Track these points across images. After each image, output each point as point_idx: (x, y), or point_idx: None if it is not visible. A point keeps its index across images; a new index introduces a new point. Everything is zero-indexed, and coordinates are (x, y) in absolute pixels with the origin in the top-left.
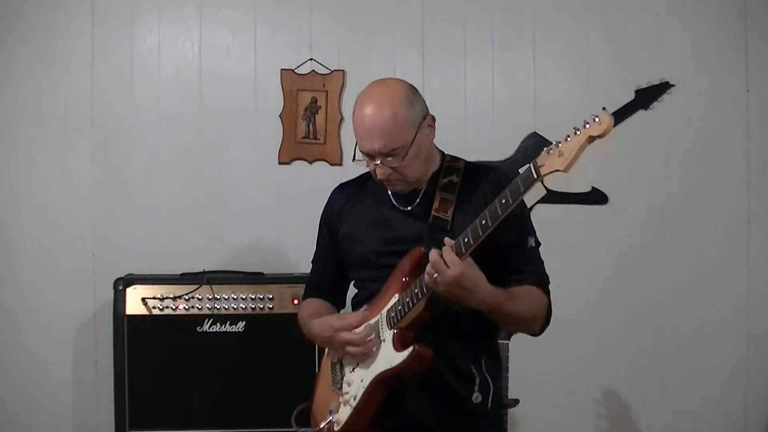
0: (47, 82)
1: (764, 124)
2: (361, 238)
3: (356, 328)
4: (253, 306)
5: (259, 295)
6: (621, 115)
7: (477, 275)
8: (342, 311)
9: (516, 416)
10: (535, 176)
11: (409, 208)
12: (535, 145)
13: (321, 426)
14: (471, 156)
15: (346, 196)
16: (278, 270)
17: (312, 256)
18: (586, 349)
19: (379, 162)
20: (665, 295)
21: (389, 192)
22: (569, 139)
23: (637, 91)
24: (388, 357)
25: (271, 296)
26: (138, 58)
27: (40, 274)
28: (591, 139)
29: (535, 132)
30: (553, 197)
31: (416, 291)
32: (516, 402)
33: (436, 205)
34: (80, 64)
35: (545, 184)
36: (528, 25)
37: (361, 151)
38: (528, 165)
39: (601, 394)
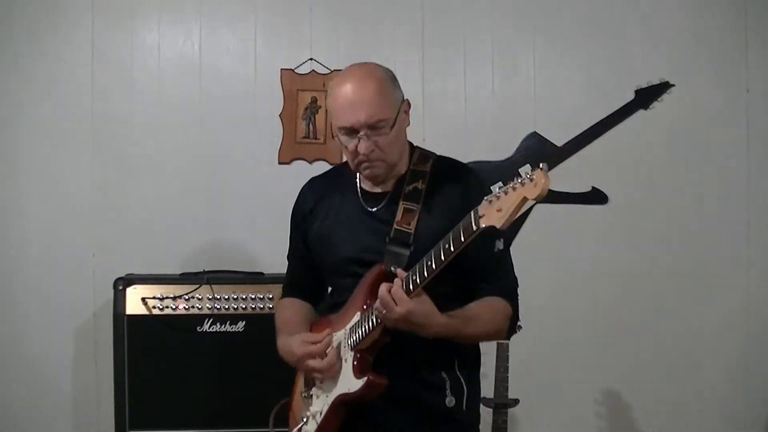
0: (47, 82)
1: (764, 124)
2: (330, 242)
3: (321, 353)
4: (253, 306)
5: (259, 295)
6: (621, 115)
7: (427, 311)
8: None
9: (516, 416)
10: (474, 228)
11: (374, 209)
12: (535, 145)
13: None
14: (471, 156)
15: (315, 193)
16: (278, 270)
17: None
18: (586, 348)
19: (362, 135)
20: (665, 295)
21: (359, 190)
22: (507, 193)
23: (637, 91)
24: (347, 381)
25: (271, 296)
26: (138, 58)
27: (40, 274)
28: (525, 200)
29: (535, 132)
30: (553, 197)
31: (372, 318)
32: (516, 402)
33: (398, 216)
34: (80, 64)
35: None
36: (528, 25)
37: (342, 128)
38: (470, 212)
39: (601, 394)
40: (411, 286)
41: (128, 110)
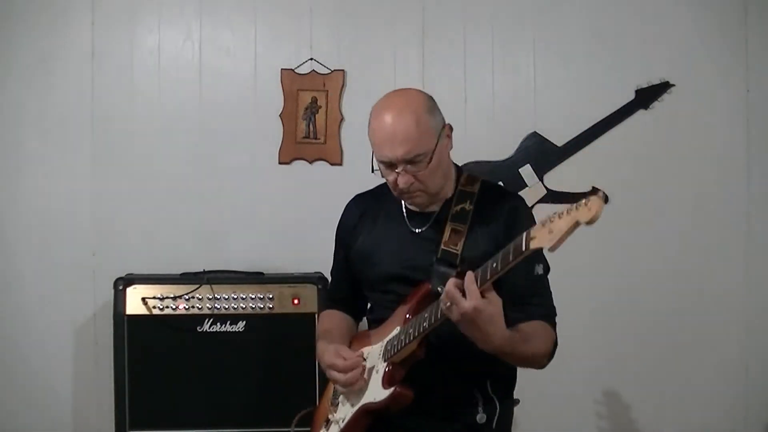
0: (47, 82)
1: (764, 124)
2: (371, 259)
3: (345, 370)
4: (253, 306)
5: (259, 295)
6: (621, 115)
7: (495, 313)
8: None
9: (516, 416)
10: (524, 249)
11: (420, 231)
12: (535, 145)
13: None
14: (471, 156)
15: (360, 210)
16: (278, 270)
17: (316, 257)
18: (587, 349)
19: (400, 170)
20: (665, 295)
21: (404, 210)
22: (561, 216)
23: (637, 91)
24: (375, 391)
25: (271, 296)
26: (138, 58)
27: (40, 274)
28: (578, 224)
29: (535, 132)
30: (553, 197)
31: (411, 330)
32: (516, 402)
33: (445, 237)
34: (80, 64)
35: (546, 185)
36: (528, 25)
37: (381, 161)
38: (523, 234)
39: (601, 394)
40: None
41: (128, 110)
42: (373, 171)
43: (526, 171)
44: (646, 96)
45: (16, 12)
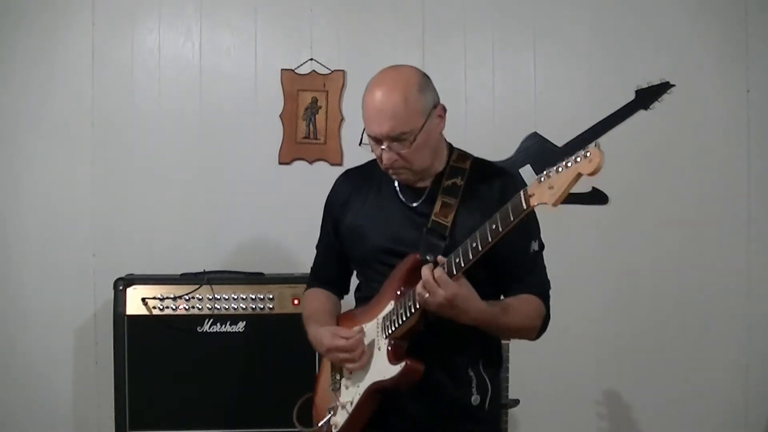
0: (48, 83)
1: (764, 124)
2: (363, 233)
3: (350, 349)
4: (253, 306)
5: (259, 295)
6: (621, 115)
7: (469, 294)
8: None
9: (516, 416)
10: (525, 207)
11: (413, 205)
12: (535, 145)
13: (319, 425)
14: None
15: (351, 185)
16: (278, 270)
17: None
18: (586, 349)
19: (385, 147)
20: (665, 296)
21: (396, 185)
22: (560, 170)
23: (637, 91)
24: (382, 368)
25: (271, 296)
26: (138, 58)
27: (40, 274)
28: (580, 175)
29: (535, 132)
30: None
31: (410, 304)
32: (516, 402)
33: (436, 209)
34: (80, 64)
35: None
36: (528, 25)
37: (368, 135)
38: (519, 193)
39: (601, 394)
40: (454, 269)
41: (128, 111)
42: (360, 144)
43: (527, 171)
44: (646, 96)
45: (16, 12)
